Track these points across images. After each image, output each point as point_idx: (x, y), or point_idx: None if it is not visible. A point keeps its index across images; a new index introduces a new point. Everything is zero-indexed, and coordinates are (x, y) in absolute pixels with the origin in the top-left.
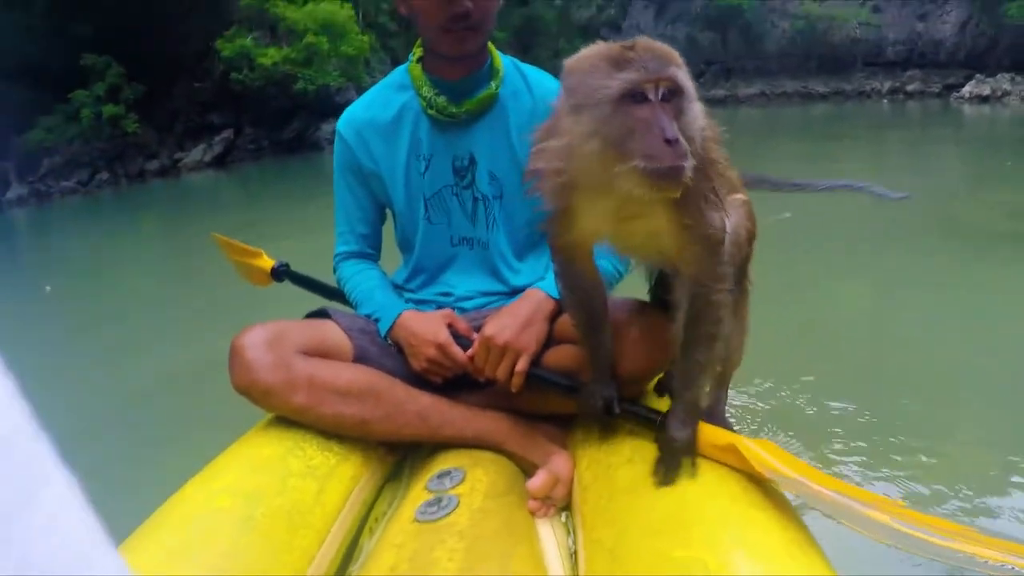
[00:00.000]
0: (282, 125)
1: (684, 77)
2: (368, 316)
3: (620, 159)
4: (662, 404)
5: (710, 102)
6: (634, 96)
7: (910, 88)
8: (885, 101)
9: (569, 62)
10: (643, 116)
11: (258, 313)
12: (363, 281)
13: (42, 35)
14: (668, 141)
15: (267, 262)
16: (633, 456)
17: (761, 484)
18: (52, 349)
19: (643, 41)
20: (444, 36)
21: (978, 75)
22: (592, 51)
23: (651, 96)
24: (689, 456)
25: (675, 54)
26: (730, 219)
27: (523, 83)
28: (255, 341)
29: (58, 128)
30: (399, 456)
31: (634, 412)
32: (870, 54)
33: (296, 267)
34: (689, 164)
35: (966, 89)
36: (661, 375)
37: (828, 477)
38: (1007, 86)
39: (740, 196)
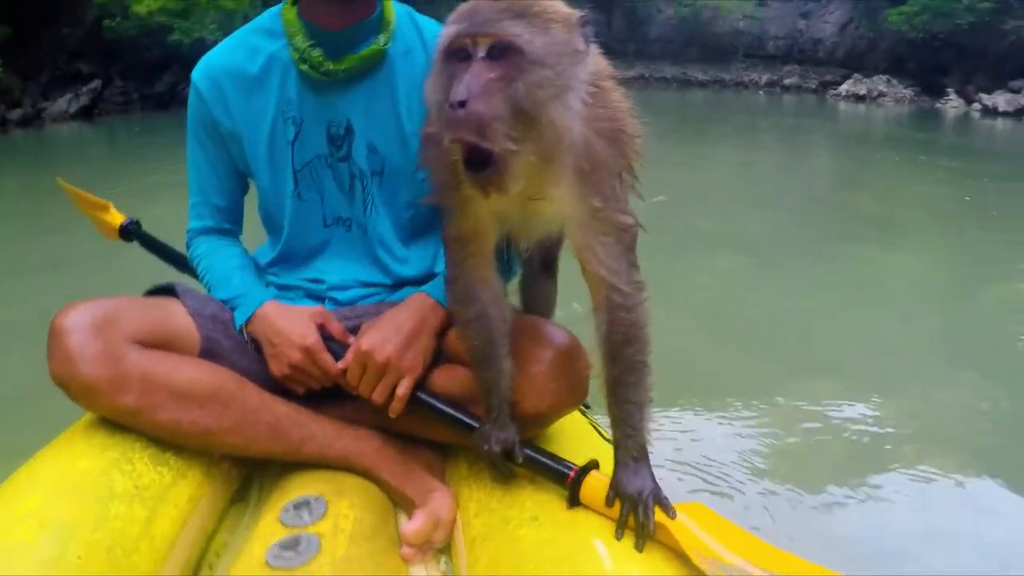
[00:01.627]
0: (154, 78)
1: (520, 34)
2: (224, 302)
3: (437, 122)
4: (564, 446)
5: None
6: (459, 53)
7: (787, 82)
8: (762, 92)
9: None
10: (457, 75)
11: (108, 277)
12: (220, 261)
13: None
14: (452, 105)
15: (116, 217)
16: (539, 514)
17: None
18: None
19: None
20: None
21: (856, 74)
22: (464, 3)
23: (472, 53)
24: (660, 503)
25: (530, 9)
26: None
27: (418, 39)
28: (80, 323)
29: None
30: (245, 470)
31: (540, 462)
32: (751, 46)
33: (158, 229)
34: (487, 135)
35: (843, 87)
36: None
37: (765, 547)
38: (883, 87)
39: None
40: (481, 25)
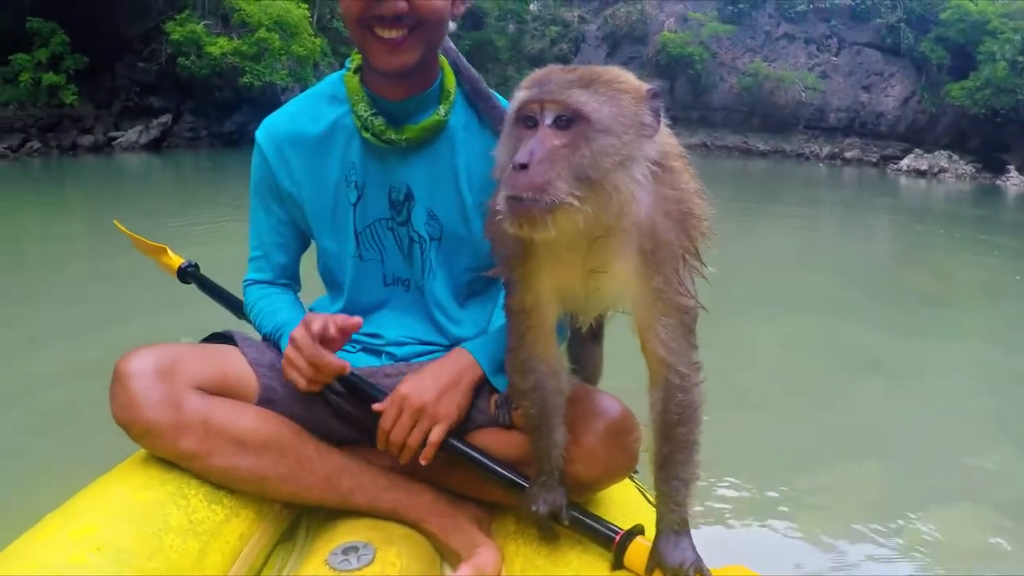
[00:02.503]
0: (223, 117)
1: (586, 101)
2: (269, 336)
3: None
4: (610, 509)
5: None
6: (527, 119)
7: (848, 155)
8: (823, 165)
9: None
10: (523, 140)
11: (169, 318)
12: (271, 303)
13: None
14: (514, 167)
15: (174, 260)
16: (583, 573)
17: None
18: None
19: (582, 67)
20: (372, 42)
21: (917, 149)
22: (539, 69)
23: (538, 119)
24: (702, 574)
25: (600, 79)
26: None
27: (476, 114)
28: (143, 368)
29: None
30: (296, 512)
31: (586, 525)
32: (813, 118)
33: (220, 267)
34: (544, 199)
35: (904, 162)
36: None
37: None
38: (944, 163)
39: None
40: (550, 92)
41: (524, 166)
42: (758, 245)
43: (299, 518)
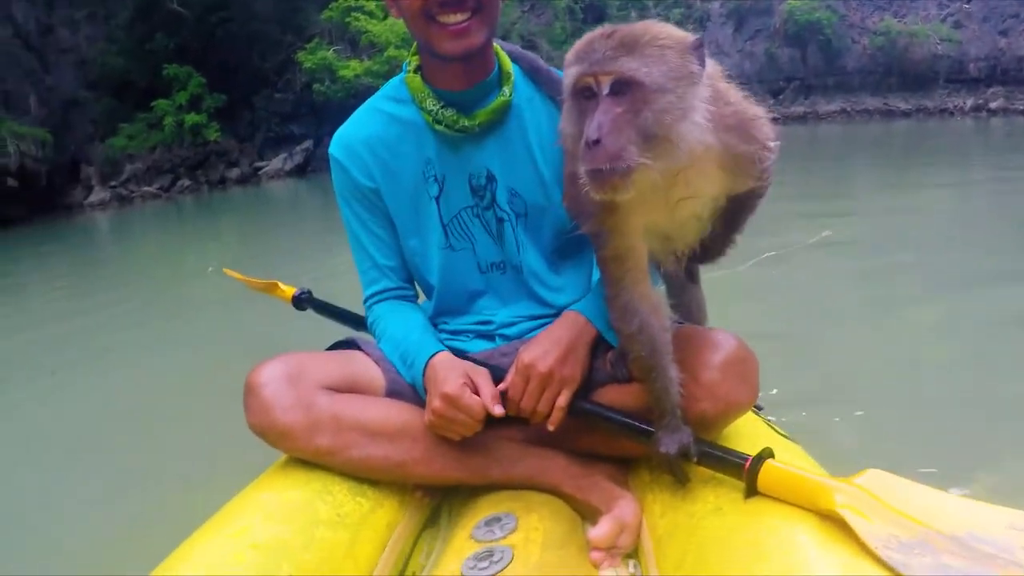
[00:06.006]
0: None
1: (638, 68)
2: (402, 360)
3: (576, 158)
4: (743, 443)
5: (789, 119)
6: (585, 92)
7: (993, 105)
8: (967, 118)
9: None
10: (588, 113)
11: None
12: (398, 322)
13: (125, 47)
14: (588, 144)
15: (286, 291)
16: (722, 505)
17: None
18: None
19: (619, 29)
20: (437, 31)
21: None
22: (579, 41)
23: (596, 91)
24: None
25: (642, 40)
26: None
27: (535, 88)
28: (273, 376)
29: (140, 135)
30: (436, 499)
31: (716, 458)
32: (952, 70)
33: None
34: (620, 166)
35: None
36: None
37: (951, 501)
38: None
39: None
40: (600, 64)
41: (597, 141)
42: (907, 209)
43: (440, 505)
